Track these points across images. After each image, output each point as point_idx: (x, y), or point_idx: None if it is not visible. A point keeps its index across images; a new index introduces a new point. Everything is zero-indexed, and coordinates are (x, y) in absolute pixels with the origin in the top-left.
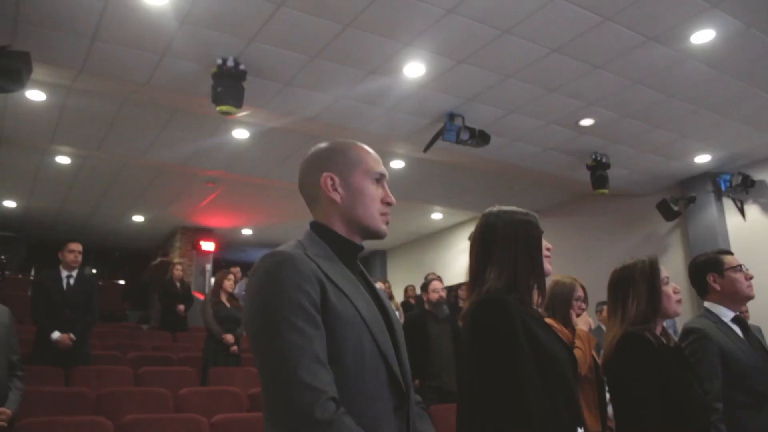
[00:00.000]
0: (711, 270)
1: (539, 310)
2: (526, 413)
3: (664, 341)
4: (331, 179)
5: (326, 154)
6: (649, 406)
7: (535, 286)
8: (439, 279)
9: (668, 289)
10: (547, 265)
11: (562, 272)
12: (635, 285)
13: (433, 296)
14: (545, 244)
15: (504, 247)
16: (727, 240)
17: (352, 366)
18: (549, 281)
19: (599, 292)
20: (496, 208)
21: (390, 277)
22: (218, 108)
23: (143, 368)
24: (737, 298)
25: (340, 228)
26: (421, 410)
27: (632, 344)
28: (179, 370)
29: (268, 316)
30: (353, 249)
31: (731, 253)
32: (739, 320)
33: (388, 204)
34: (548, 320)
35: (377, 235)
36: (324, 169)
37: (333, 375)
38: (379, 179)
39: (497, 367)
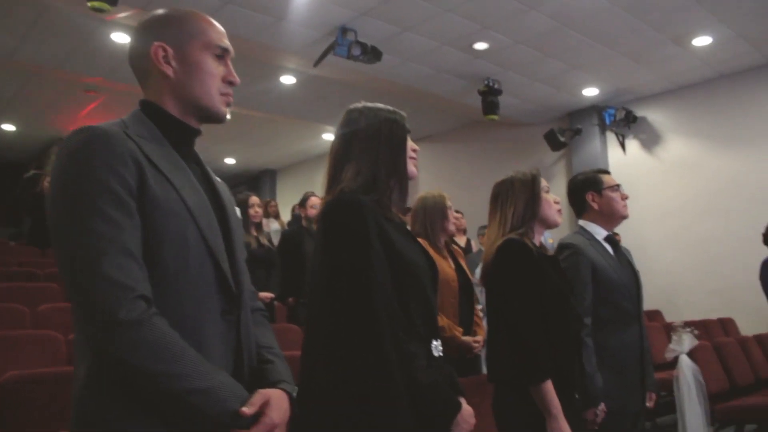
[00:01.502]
0: (590, 188)
1: (403, 217)
2: (373, 322)
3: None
4: (163, 50)
5: (160, 21)
6: (527, 312)
7: (397, 188)
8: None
9: (548, 197)
10: (412, 167)
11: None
12: (515, 192)
13: (311, 212)
14: (411, 145)
15: (365, 144)
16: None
17: (172, 262)
18: (414, 196)
19: (484, 218)
20: (361, 104)
21: (279, 198)
22: (90, 3)
23: (2, 284)
24: (613, 217)
25: (172, 108)
26: (261, 317)
27: (511, 249)
28: (44, 286)
29: (71, 202)
30: (186, 133)
31: (609, 173)
32: (611, 240)
33: (231, 83)
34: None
35: (215, 118)
36: (156, 38)
37: (147, 271)
38: (222, 55)
39: (346, 272)
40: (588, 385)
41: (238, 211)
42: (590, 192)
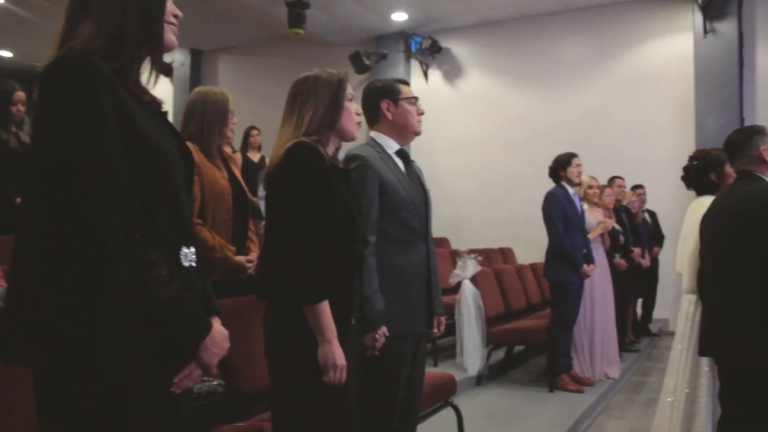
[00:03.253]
0: (387, 96)
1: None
2: (98, 210)
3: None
4: None
5: None
6: (310, 225)
7: (149, 57)
8: None
9: (351, 106)
10: (170, 36)
11: (252, 116)
12: (317, 94)
13: None
14: (172, 9)
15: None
16: None
17: None
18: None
19: None
20: None
21: None
22: None
23: None
24: (406, 130)
25: None
26: None
27: (303, 152)
28: None
29: None
30: None
31: (408, 84)
32: (403, 154)
33: None
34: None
35: None
36: None
37: None
38: None
39: (66, 146)
40: (367, 308)
41: None
42: (386, 100)
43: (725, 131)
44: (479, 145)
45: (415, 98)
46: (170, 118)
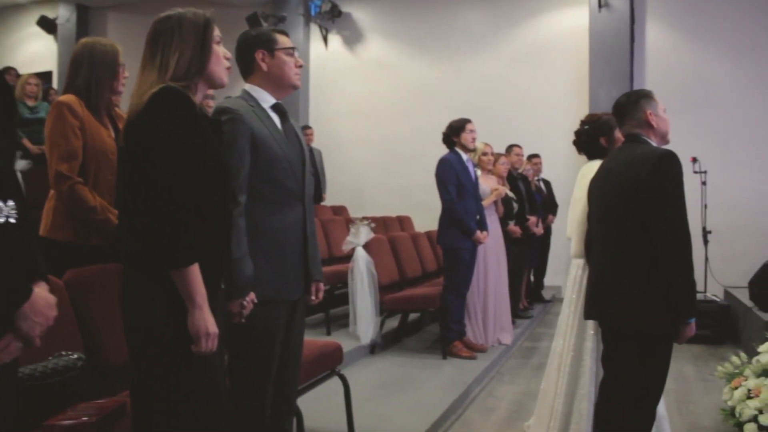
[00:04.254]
0: (262, 46)
1: None
2: None
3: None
4: None
5: None
6: (178, 179)
7: None
8: None
9: (219, 50)
10: None
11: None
12: (183, 35)
13: None
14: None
15: None
16: (308, 64)
17: None
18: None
19: None
20: None
21: None
22: None
23: None
24: (282, 83)
25: None
26: None
27: (172, 98)
28: None
29: None
30: None
31: (287, 35)
32: (279, 109)
33: None
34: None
35: None
36: None
37: None
38: None
39: None
40: (234, 272)
41: None
42: (261, 50)
43: None
44: (379, 111)
45: (293, 48)
46: (55, 77)
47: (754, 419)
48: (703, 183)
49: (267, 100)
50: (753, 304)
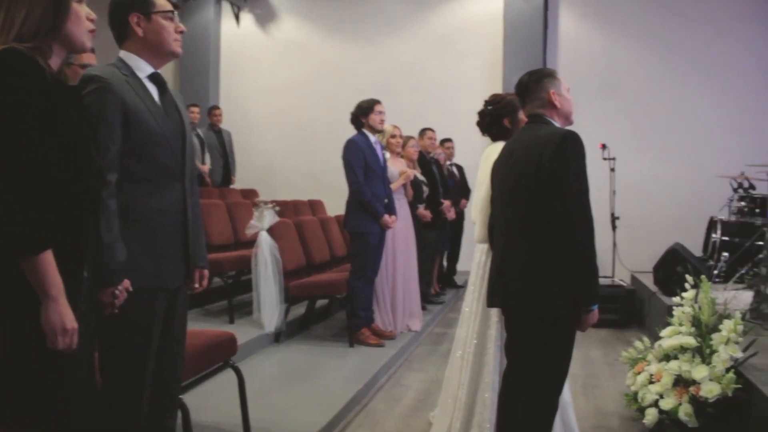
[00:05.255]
0: (136, 8)
1: None
2: None
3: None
4: None
5: None
6: (28, 157)
7: None
8: None
9: (81, 8)
10: None
11: None
12: None
13: None
14: None
15: None
16: (218, 43)
17: None
18: None
19: None
20: None
21: None
22: None
23: None
24: (161, 50)
25: None
26: None
27: (13, 61)
28: None
29: None
30: None
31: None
32: (157, 79)
33: None
34: None
35: None
36: None
37: None
38: None
39: None
40: (105, 258)
41: None
42: (136, 14)
43: None
44: (291, 93)
45: (172, 12)
46: None
47: (655, 404)
48: (612, 170)
49: (143, 69)
50: (657, 289)
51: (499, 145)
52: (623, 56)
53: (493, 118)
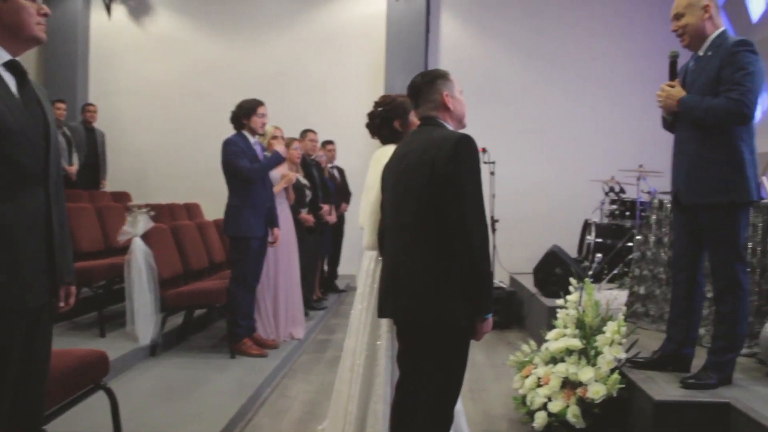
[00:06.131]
0: None
1: None
2: None
3: None
4: None
5: None
6: None
7: None
8: None
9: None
10: None
11: None
12: None
13: None
14: None
15: None
16: (87, 34)
17: None
18: None
19: None
20: None
21: None
22: None
23: None
24: (20, 34)
25: None
26: None
27: None
28: None
29: None
30: None
31: None
32: (16, 68)
33: None
34: None
35: None
36: None
37: None
38: None
39: None
40: None
41: None
42: None
43: None
44: (167, 90)
45: None
46: None
47: (544, 407)
48: (492, 173)
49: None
50: (537, 290)
51: (390, 149)
52: (503, 62)
53: (383, 120)
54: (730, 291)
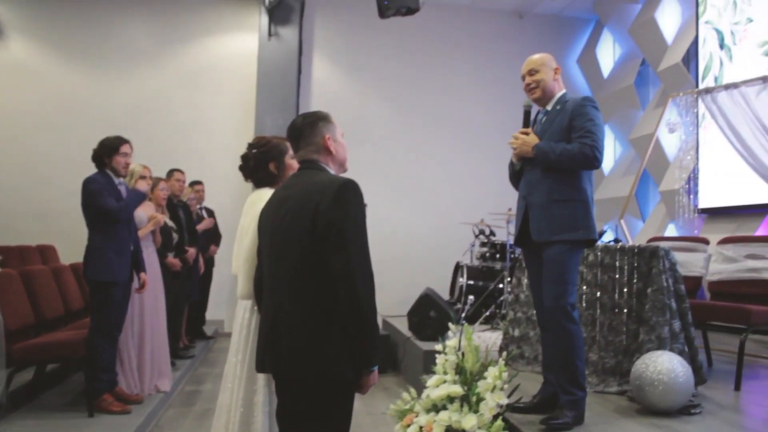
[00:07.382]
0: None
1: None
2: None
3: None
4: None
5: None
6: None
7: None
8: None
9: None
10: None
11: None
12: None
13: None
14: None
15: None
16: None
17: None
18: None
19: None
20: None
21: None
22: None
23: None
24: None
25: None
26: None
27: None
28: None
29: None
30: None
31: None
32: None
33: None
34: None
35: None
36: None
37: None
38: None
39: None
40: None
41: None
42: None
43: (282, 133)
44: (18, 123)
45: None
46: None
47: None
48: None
49: None
50: (412, 334)
51: (266, 192)
52: (374, 106)
53: (258, 163)
54: (564, 324)
